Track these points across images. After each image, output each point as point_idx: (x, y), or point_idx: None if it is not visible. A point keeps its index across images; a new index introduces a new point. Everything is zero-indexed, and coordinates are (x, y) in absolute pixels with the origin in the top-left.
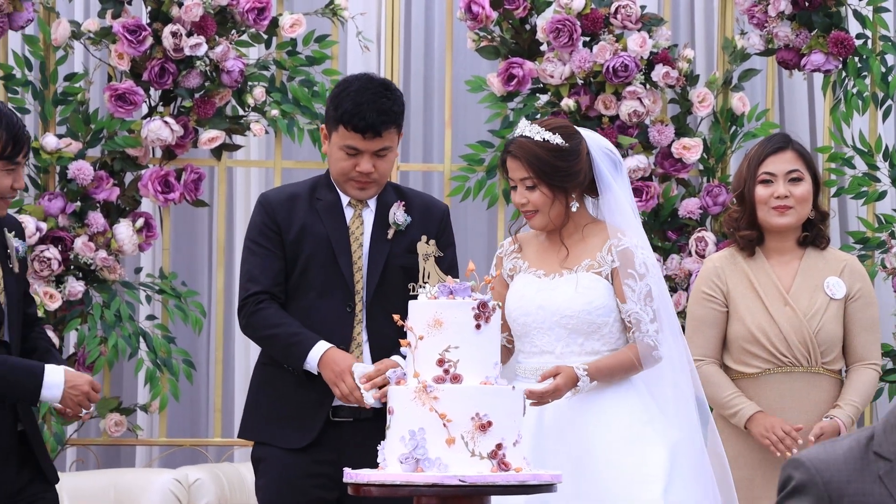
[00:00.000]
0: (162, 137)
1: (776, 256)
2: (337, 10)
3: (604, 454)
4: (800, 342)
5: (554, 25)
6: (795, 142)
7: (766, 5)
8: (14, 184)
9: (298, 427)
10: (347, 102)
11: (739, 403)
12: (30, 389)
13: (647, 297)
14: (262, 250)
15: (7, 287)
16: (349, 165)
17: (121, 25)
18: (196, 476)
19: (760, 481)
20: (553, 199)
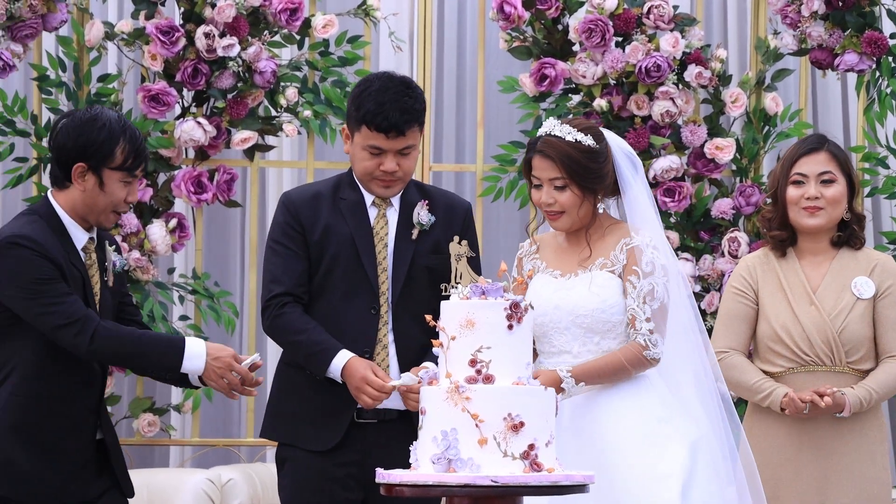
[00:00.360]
0: (195, 138)
1: (809, 257)
2: (369, 10)
3: (620, 453)
4: (822, 341)
5: (586, 25)
6: (832, 143)
7: (800, 5)
8: (128, 197)
9: (323, 429)
10: (370, 102)
11: (769, 385)
12: (172, 361)
13: (648, 295)
14: (285, 250)
15: (102, 300)
16: (373, 165)
17: (154, 26)
18: (229, 476)
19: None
20: (582, 200)
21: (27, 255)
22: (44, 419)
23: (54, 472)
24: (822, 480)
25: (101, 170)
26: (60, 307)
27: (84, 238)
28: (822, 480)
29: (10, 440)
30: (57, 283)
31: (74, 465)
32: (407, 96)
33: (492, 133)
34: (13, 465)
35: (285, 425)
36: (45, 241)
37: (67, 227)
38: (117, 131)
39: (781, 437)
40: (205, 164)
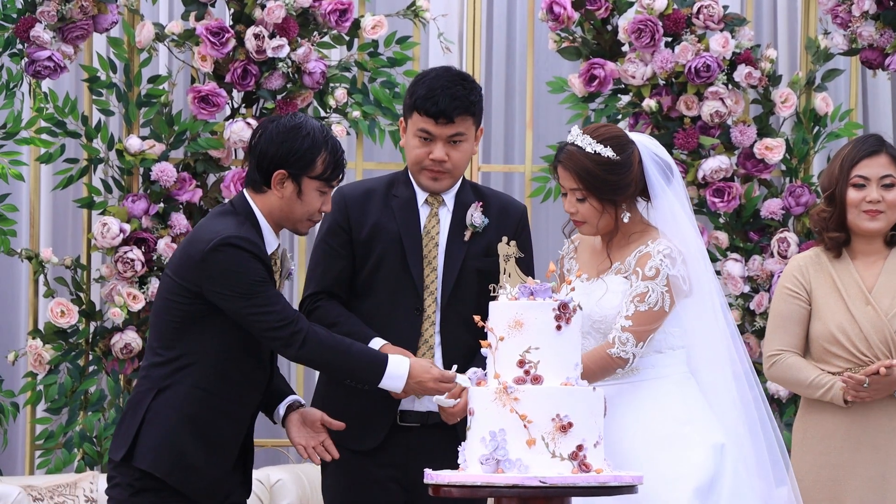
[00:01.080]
0: (244, 139)
1: (862, 257)
2: (419, 11)
3: (639, 454)
4: (881, 341)
5: (636, 26)
6: (889, 145)
7: (850, 5)
8: (323, 206)
9: (366, 429)
10: (422, 88)
11: (828, 380)
12: (372, 377)
13: (638, 296)
14: (328, 249)
15: None
16: (423, 153)
17: (204, 28)
18: (278, 477)
19: (846, 474)
20: (602, 212)
21: (245, 256)
22: (218, 416)
23: (216, 468)
24: (881, 480)
25: (301, 178)
26: (275, 309)
27: (275, 244)
28: (880, 480)
29: (187, 430)
30: (270, 286)
31: (230, 463)
32: (460, 86)
33: (541, 134)
34: (183, 455)
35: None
36: (259, 243)
37: (263, 230)
38: (320, 141)
39: (838, 438)
40: None
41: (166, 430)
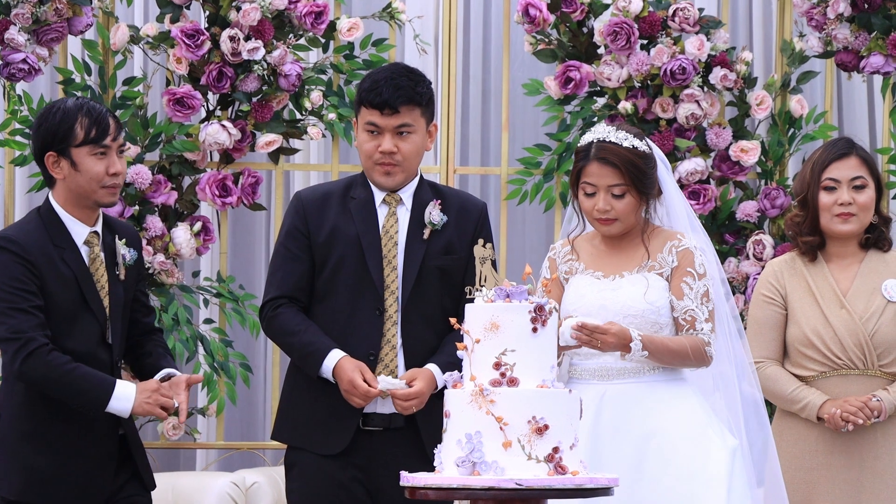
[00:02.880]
0: (220, 141)
1: (836, 261)
2: (394, 13)
3: (665, 455)
4: (855, 345)
5: (611, 28)
6: (859, 147)
7: (825, 7)
8: (110, 168)
9: (331, 433)
10: (367, 82)
11: (807, 395)
12: (99, 399)
13: (704, 296)
14: (288, 254)
15: (112, 293)
16: (372, 147)
17: (179, 30)
18: (254, 479)
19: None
20: (638, 206)
21: (6, 258)
22: (54, 422)
23: (76, 473)
24: (857, 484)
25: (69, 151)
26: (9, 322)
27: (84, 232)
28: (856, 484)
29: (28, 448)
30: (20, 294)
31: (94, 464)
32: (405, 77)
33: (517, 136)
34: (34, 470)
35: (295, 428)
36: (27, 243)
37: (66, 222)
38: (72, 110)
39: (812, 442)
40: (229, 168)
41: (11, 452)
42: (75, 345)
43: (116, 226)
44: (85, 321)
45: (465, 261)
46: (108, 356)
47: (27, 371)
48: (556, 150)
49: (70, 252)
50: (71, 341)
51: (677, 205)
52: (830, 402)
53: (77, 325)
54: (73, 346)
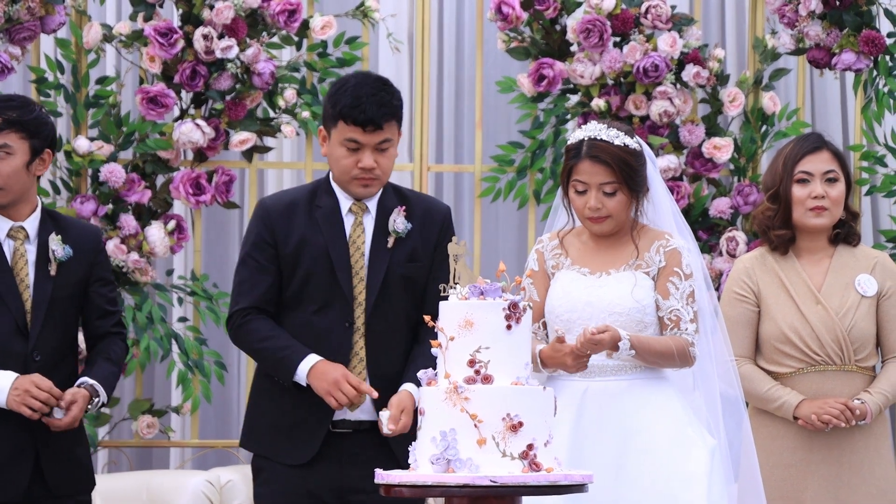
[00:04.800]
0: (193, 140)
1: (807, 255)
2: (367, 11)
3: (646, 453)
4: (832, 340)
5: (584, 26)
6: (830, 142)
7: (797, 4)
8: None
9: (299, 442)
10: (346, 97)
11: (782, 394)
12: None
13: (690, 297)
14: (254, 263)
15: (38, 288)
16: (351, 162)
17: (152, 28)
18: (228, 478)
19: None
20: (629, 204)
21: None
22: None
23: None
24: (836, 480)
25: None
26: None
27: (5, 226)
28: (835, 480)
29: None
30: None
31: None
32: (384, 91)
33: (490, 134)
34: None
35: (261, 437)
36: None
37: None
38: None
39: (790, 439)
40: (203, 166)
41: None
42: None
43: (64, 224)
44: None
45: (428, 268)
46: (23, 347)
47: None
48: (529, 148)
49: None
50: None
51: (664, 203)
52: (807, 403)
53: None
54: None
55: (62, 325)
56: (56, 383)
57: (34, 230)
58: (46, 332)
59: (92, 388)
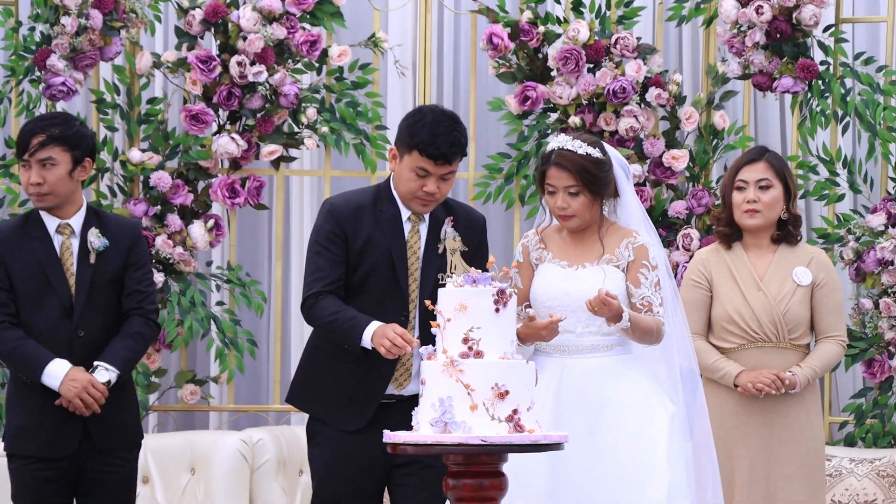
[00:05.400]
0: (229, 151)
1: (754, 250)
2: (377, 41)
3: (616, 419)
4: (769, 322)
5: (563, 54)
6: (772, 153)
7: (744, 37)
8: (28, 179)
9: (353, 412)
10: (424, 133)
11: (725, 366)
12: (33, 374)
13: (657, 285)
14: (328, 254)
15: (80, 274)
16: (417, 186)
17: (194, 56)
18: (259, 437)
19: (738, 435)
20: (592, 204)
21: None
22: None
23: (42, 430)
24: (769, 439)
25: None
26: None
27: (54, 223)
28: (768, 439)
29: (14, 403)
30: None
31: (52, 422)
32: (456, 131)
33: (482, 146)
34: (12, 426)
35: (316, 402)
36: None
37: (43, 216)
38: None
39: (732, 404)
40: (237, 173)
41: (7, 407)
42: (39, 318)
43: (107, 220)
44: (49, 298)
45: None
46: (68, 326)
47: None
48: (515, 158)
49: (40, 241)
50: (36, 315)
51: (632, 205)
52: (745, 373)
53: (43, 301)
54: (37, 319)
55: (103, 306)
56: (96, 356)
57: (79, 226)
58: (88, 313)
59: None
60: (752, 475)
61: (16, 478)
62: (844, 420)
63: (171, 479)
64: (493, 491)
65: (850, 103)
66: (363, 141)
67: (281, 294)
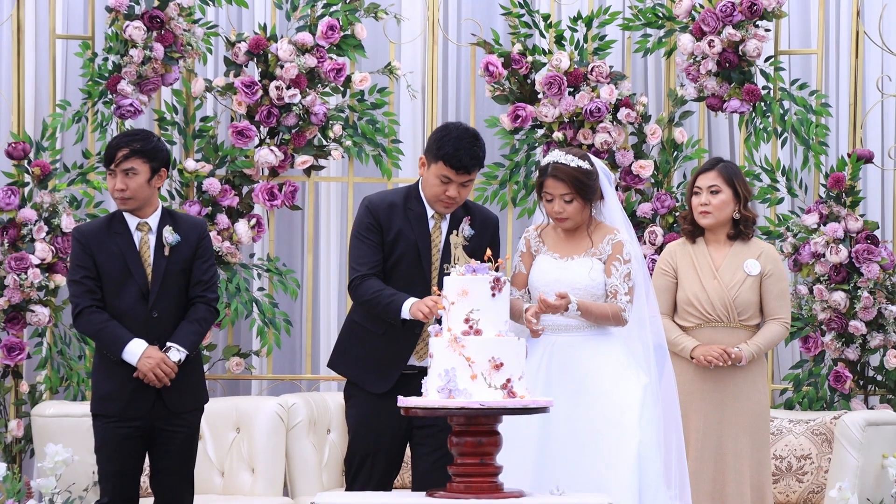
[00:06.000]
0: (269, 161)
1: (713, 244)
2: (393, 69)
3: (596, 387)
4: (721, 305)
5: (547, 80)
6: (724, 164)
7: (699, 66)
8: (114, 186)
9: (381, 376)
10: (449, 146)
11: (684, 341)
12: (115, 352)
13: (626, 277)
14: (369, 241)
15: (156, 264)
16: (440, 191)
17: (240, 82)
18: (293, 401)
19: (695, 399)
20: (583, 208)
21: (74, 245)
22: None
23: (119, 396)
24: (720, 403)
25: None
26: (72, 291)
27: (134, 222)
28: (720, 403)
29: (99, 372)
30: (78, 270)
31: (128, 391)
32: (476, 146)
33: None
34: (98, 390)
35: (350, 367)
36: (87, 231)
37: (126, 215)
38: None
39: (690, 374)
40: (275, 180)
41: (94, 376)
42: (120, 301)
43: (179, 219)
44: (129, 284)
45: None
46: (144, 308)
47: (77, 326)
48: (508, 167)
49: (123, 236)
50: (118, 299)
51: (614, 207)
52: (700, 348)
53: (123, 288)
54: (118, 302)
55: (174, 292)
56: (167, 334)
57: (155, 224)
58: (161, 297)
59: (172, 351)
60: (706, 433)
61: (100, 434)
62: (784, 388)
63: (219, 437)
64: (490, 447)
65: (787, 122)
66: (381, 153)
67: (312, 281)
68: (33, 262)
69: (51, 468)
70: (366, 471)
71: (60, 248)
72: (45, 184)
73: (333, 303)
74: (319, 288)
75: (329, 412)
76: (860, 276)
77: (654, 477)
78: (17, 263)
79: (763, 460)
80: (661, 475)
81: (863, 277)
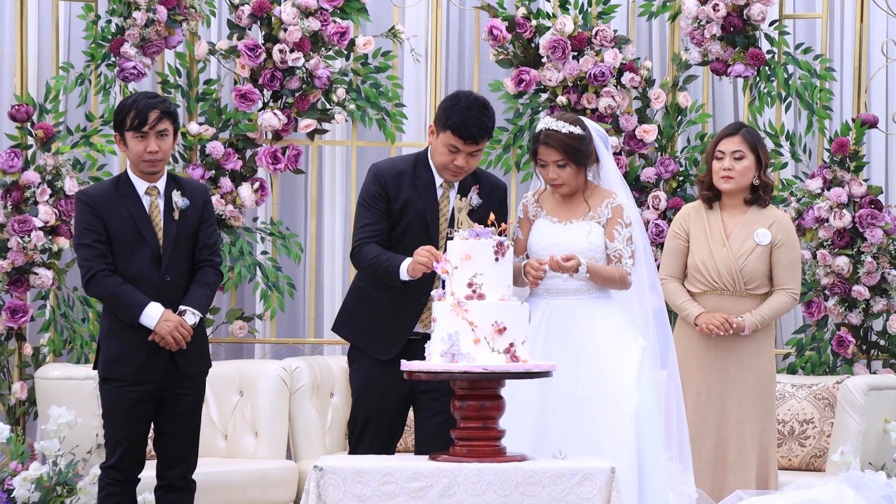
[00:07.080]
0: (272, 125)
1: (728, 210)
2: (397, 33)
3: (594, 350)
4: (727, 273)
5: (552, 44)
6: (748, 129)
7: (703, 30)
8: (147, 148)
9: (386, 343)
10: (457, 116)
11: (689, 307)
12: (132, 315)
13: (628, 240)
14: (374, 210)
15: (166, 228)
16: (448, 159)
17: (243, 45)
18: (296, 365)
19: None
20: (578, 173)
21: (80, 207)
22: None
23: (130, 358)
24: (724, 370)
25: (124, 133)
26: (81, 254)
27: (144, 186)
28: (723, 370)
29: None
30: (88, 233)
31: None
32: (485, 116)
33: None
34: (107, 354)
35: (355, 332)
36: (96, 195)
37: (133, 179)
38: (128, 105)
39: (696, 339)
40: (279, 143)
41: (103, 339)
42: (132, 266)
43: (184, 183)
44: (141, 248)
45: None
46: (157, 271)
47: (89, 290)
48: (512, 131)
49: (132, 200)
50: (129, 264)
51: (611, 169)
52: (703, 315)
53: (135, 252)
54: (131, 267)
55: (184, 254)
56: (179, 296)
57: (163, 188)
58: (173, 261)
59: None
60: (708, 399)
61: (109, 398)
62: (787, 352)
63: (223, 400)
64: (493, 411)
65: (791, 86)
66: (384, 116)
67: (315, 245)
68: (36, 224)
69: (54, 430)
70: (369, 434)
71: (64, 211)
72: (48, 146)
73: (337, 266)
74: (323, 251)
75: (332, 376)
76: (863, 241)
77: (654, 438)
78: (20, 226)
79: (768, 427)
80: (661, 437)
81: (866, 242)
